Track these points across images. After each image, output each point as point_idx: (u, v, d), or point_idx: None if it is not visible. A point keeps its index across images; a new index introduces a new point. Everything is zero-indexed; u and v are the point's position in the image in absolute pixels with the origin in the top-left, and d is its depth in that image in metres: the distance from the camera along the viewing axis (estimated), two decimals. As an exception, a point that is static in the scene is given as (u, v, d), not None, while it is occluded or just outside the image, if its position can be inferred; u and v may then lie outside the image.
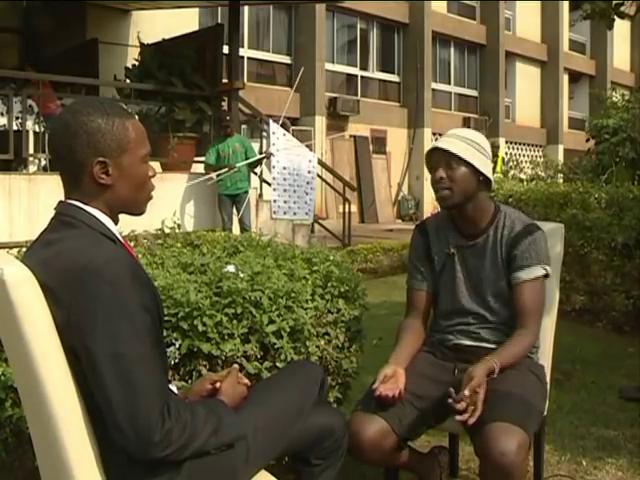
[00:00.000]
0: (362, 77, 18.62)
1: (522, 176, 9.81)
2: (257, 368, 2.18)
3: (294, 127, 14.57)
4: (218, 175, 8.08)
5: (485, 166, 2.22)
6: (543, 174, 10.88)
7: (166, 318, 2.05)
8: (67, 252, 1.46)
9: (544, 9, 23.99)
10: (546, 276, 2.24)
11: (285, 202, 8.44)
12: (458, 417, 1.91)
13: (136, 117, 1.64)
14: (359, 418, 2.05)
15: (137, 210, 1.63)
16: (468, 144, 2.21)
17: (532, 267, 2.20)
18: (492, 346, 2.24)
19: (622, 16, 6.47)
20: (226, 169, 8.01)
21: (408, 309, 2.41)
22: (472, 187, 2.22)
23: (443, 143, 2.22)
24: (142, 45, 8.93)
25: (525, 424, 1.92)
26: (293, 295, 2.30)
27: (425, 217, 2.63)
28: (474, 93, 22.03)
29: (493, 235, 2.27)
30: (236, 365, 1.89)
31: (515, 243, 2.22)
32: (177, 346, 2.09)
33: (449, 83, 21.29)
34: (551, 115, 24.00)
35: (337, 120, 16.94)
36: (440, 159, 2.22)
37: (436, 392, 2.19)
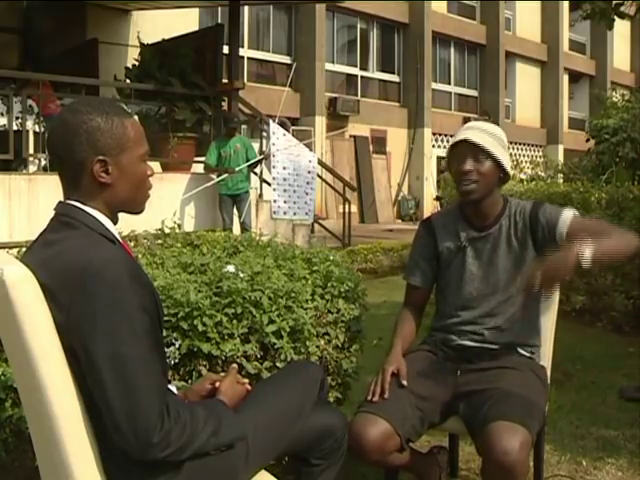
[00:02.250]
0: (362, 77, 18.63)
1: (522, 176, 9.80)
2: (257, 368, 2.18)
3: (294, 127, 14.57)
4: (218, 176, 8.09)
5: (508, 162, 2.24)
6: (543, 174, 10.87)
7: (166, 318, 2.04)
8: (67, 253, 1.46)
9: (544, 9, 24.01)
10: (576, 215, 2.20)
11: (285, 202, 8.44)
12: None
13: (136, 117, 1.64)
14: (362, 420, 2.03)
15: (136, 209, 1.63)
16: (494, 139, 2.20)
17: (561, 217, 2.18)
18: (495, 347, 2.24)
19: (622, 16, 6.48)
20: (226, 174, 8.01)
21: (405, 302, 2.45)
22: (494, 182, 2.23)
23: (473, 136, 2.19)
24: (142, 45, 8.91)
25: (528, 423, 1.92)
26: (293, 295, 2.30)
27: (424, 217, 2.64)
28: (474, 93, 22.04)
29: (507, 224, 2.27)
30: (235, 365, 1.89)
31: (534, 220, 2.23)
32: (177, 346, 2.09)
33: (449, 83, 21.30)
34: (551, 115, 24.01)
35: (337, 120, 16.95)
36: (468, 152, 2.19)
37: (438, 393, 2.19)
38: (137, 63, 8.86)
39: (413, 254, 2.45)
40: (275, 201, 8.36)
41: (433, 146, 19.54)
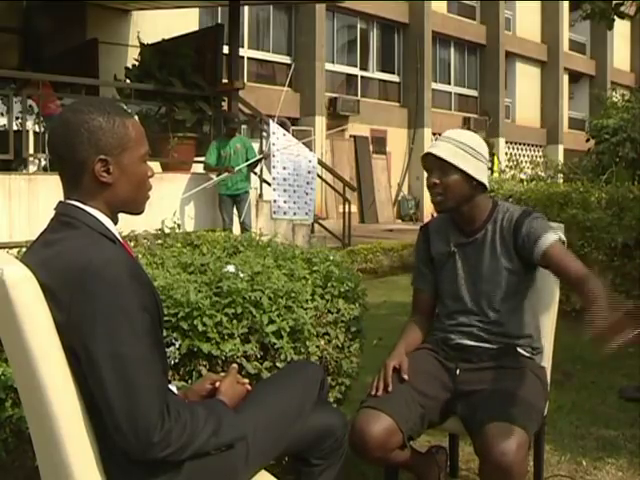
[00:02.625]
0: (362, 77, 18.62)
1: (522, 176, 9.80)
2: (257, 368, 2.18)
3: (294, 127, 14.57)
4: (218, 176, 8.09)
5: (479, 171, 2.22)
6: (543, 174, 10.88)
7: (166, 318, 2.04)
8: (67, 253, 1.46)
9: (544, 9, 24.00)
10: (562, 241, 2.18)
11: (285, 202, 8.44)
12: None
13: (136, 117, 1.64)
14: (365, 416, 2.04)
15: (136, 209, 1.63)
16: (462, 149, 2.21)
17: (542, 237, 2.15)
18: (494, 346, 2.25)
19: (622, 16, 6.48)
20: (225, 173, 8.01)
21: (412, 309, 2.48)
22: (465, 192, 2.23)
23: (436, 148, 2.22)
24: (142, 45, 8.91)
25: (525, 424, 1.92)
26: (293, 295, 2.30)
27: (425, 217, 2.66)
28: (474, 93, 22.03)
29: (492, 229, 2.28)
30: (235, 365, 1.89)
31: (518, 228, 2.21)
32: (177, 346, 2.09)
33: (449, 83, 21.29)
34: (551, 115, 24.00)
35: (337, 120, 16.94)
36: (433, 164, 2.23)
37: (439, 391, 2.20)
38: (137, 63, 8.87)
39: (415, 259, 2.50)
40: (275, 201, 8.36)
41: (433, 146, 19.51)
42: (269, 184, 8.60)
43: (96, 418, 1.47)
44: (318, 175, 9.48)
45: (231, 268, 2.32)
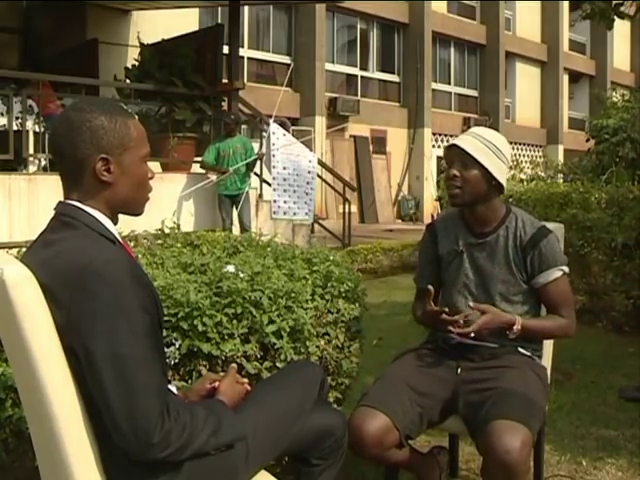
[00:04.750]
0: (362, 77, 18.62)
1: (522, 176, 9.79)
2: (257, 368, 2.18)
3: (294, 127, 14.56)
4: (217, 177, 8.08)
5: (500, 171, 2.23)
6: (543, 174, 10.87)
7: (166, 318, 2.04)
8: (67, 253, 1.46)
9: (544, 9, 24.00)
10: (565, 274, 2.27)
11: (285, 202, 8.42)
12: (451, 328, 2.14)
13: (136, 117, 1.64)
14: (361, 414, 2.06)
15: (136, 210, 1.63)
16: (487, 147, 2.22)
17: (550, 270, 2.23)
18: (495, 345, 2.25)
19: (622, 16, 6.49)
20: (223, 174, 8.00)
21: (415, 300, 2.49)
22: (483, 190, 2.24)
23: (462, 141, 2.22)
24: (142, 45, 8.91)
25: (529, 422, 1.93)
26: (293, 295, 2.30)
27: (425, 217, 2.67)
28: (474, 93, 22.03)
29: (504, 235, 2.28)
30: (234, 364, 1.89)
31: (529, 248, 2.24)
32: (177, 346, 2.09)
33: (449, 83, 21.29)
34: (551, 115, 24.01)
35: (337, 120, 16.94)
36: (456, 157, 2.23)
37: (438, 390, 2.20)
38: (137, 63, 8.86)
39: (419, 258, 2.51)
40: (275, 201, 8.35)
41: (433, 146, 19.54)
42: (269, 184, 8.59)
43: (96, 418, 1.47)
44: (318, 175, 9.47)
45: (231, 268, 2.32)
